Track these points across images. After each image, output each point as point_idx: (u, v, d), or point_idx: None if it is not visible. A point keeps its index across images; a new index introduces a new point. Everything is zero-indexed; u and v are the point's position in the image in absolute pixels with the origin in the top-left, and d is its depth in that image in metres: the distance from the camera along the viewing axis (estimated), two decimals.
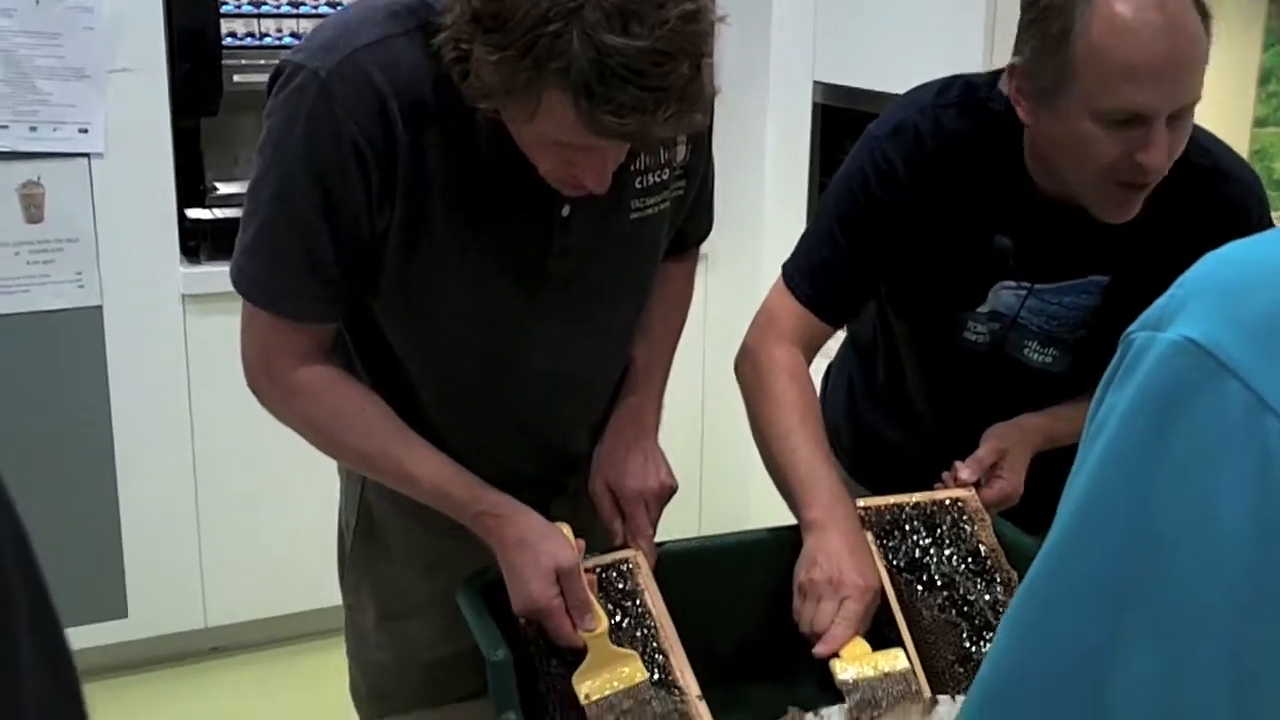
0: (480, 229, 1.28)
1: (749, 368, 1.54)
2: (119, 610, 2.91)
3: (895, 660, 1.27)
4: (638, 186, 1.34)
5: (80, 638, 2.94)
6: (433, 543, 1.47)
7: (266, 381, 1.34)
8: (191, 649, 3.06)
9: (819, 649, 1.27)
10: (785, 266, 1.58)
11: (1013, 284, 1.49)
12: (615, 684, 1.22)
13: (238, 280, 1.31)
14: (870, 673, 1.25)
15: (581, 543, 1.31)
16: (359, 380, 1.37)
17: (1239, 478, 0.57)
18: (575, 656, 1.23)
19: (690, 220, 1.50)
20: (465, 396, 1.39)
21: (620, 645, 1.25)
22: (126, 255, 2.77)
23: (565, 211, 1.29)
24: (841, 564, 1.30)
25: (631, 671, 1.23)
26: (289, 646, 3.12)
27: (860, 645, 1.29)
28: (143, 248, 2.78)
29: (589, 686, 1.21)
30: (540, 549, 1.25)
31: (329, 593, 2.45)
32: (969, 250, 1.48)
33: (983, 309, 1.52)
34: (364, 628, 1.55)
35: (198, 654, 3.07)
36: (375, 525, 1.51)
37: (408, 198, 1.24)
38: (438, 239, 1.27)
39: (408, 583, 1.48)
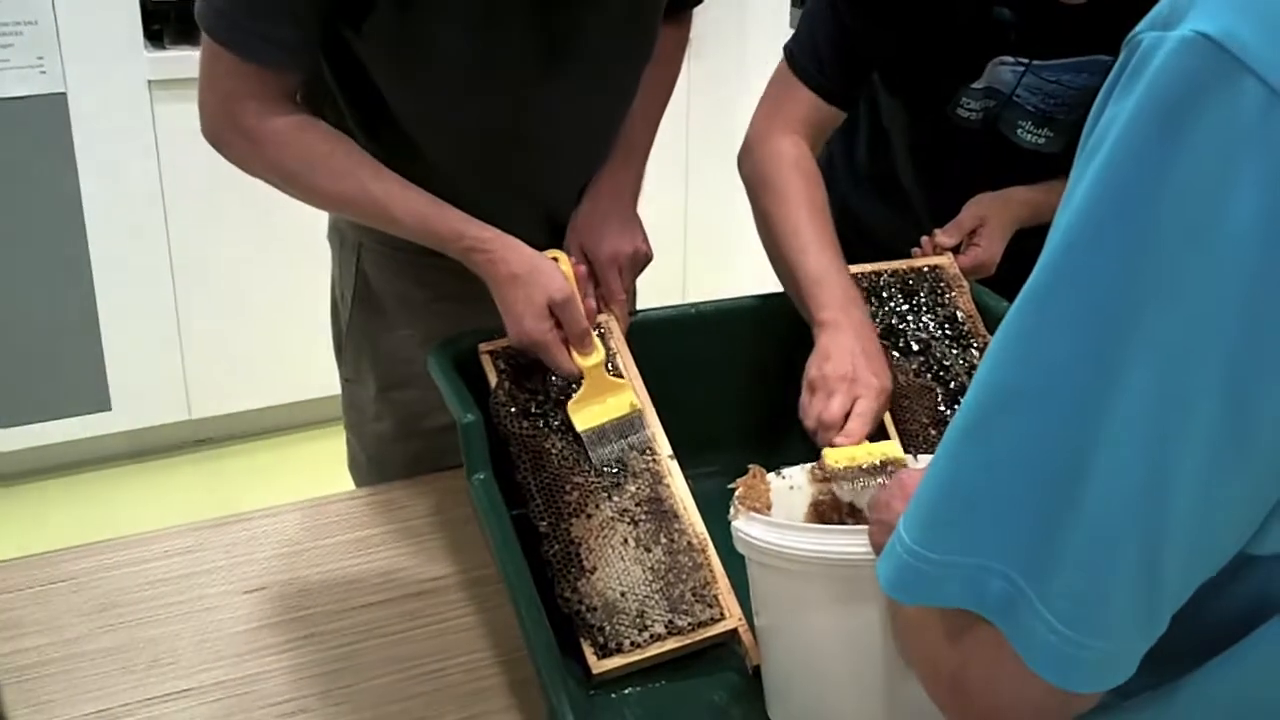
0: None
1: (753, 162, 1.46)
2: (102, 403, 2.92)
3: (890, 449, 1.24)
4: None
5: (64, 431, 2.96)
6: (431, 308, 1.46)
7: (229, 130, 1.28)
8: (177, 441, 3.09)
9: (838, 440, 1.20)
10: (788, 49, 1.50)
11: (1011, 59, 1.44)
12: (607, 415, 1.22)
13: (203, 13, 1.24)
14: (864, 458, 1.19)
15: (581, 268, 1.29)
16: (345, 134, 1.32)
17: (1251, 180, 0.54)
18: (547, 418, 1.23)
19: None
20: (466, 165, 1.35)
21: None
22: (88, 40, 2.68)
23: None
24: (855, 362, 1.25)
25: (621, 401, 1.23)
26: (275, 438, 3.15)
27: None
28: (105, 32, 2.70)
29: (583, 416, 1.21)
30: (532, 282, 1.22)
31: (314, 384, 2.44)
32: (967, 20, 1.42)
33: (978, 84, 1.47)
34: (363, 400, 1.54)
35: (183, 446, 3.10)
36: (373, 293, 1.49)
37: None
38: None
39: (406, 352, 1.47)
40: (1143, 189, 0.56)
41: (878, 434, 1.26)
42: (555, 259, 1.26)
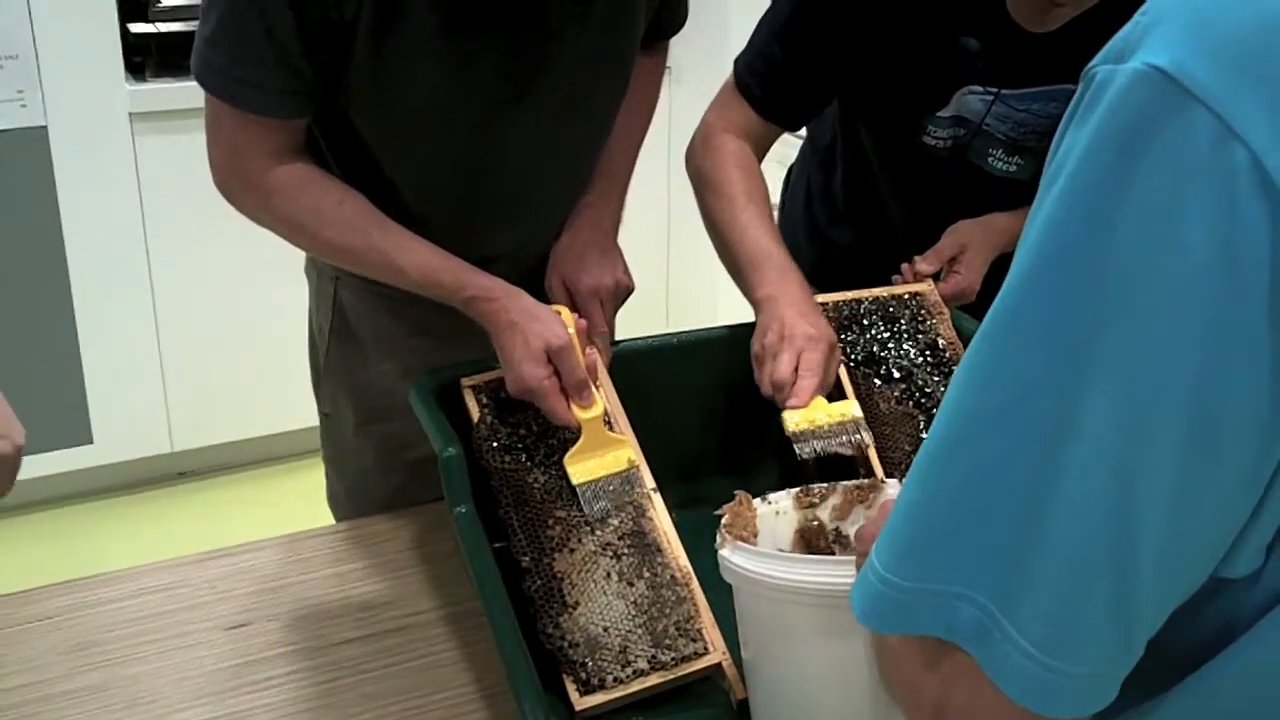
0: (455, 11, 1.21)
1: (697, 161, 1.51)
2: (84, 437, 2.90)
3: (848, 408, 1.27)
4: None
5: (46, 464, 2.93)
6: (408, 342, 1.45)
7: (238, 182, 1.28)
8: (159, 474, 3.07)
9: (791, 403, 1.24)
10: (737, 63, 1.53)
11: (979, 89, 1.44)
12: (604, 470, 1.21)
13: (200, 71, 1.23)
14: (823, 420, 1.25)
15: (583, 322, 1.28)
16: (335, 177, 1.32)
17: (1205, 210, 0.55)
18: (529, 453, 1.22)
19: (666, 6, 1.45)
20: (443, 198, 1.35)
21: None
22: (69, 73, 2.67)
23: None
24: (792, 323, 1.29)
25: (619, 457, 1.22)
26: (257, 470, 3.14)
27: (818, 402, 1.28)
28: (85, 65, 2.69)
29: (579, 470, 1.20)
30: (530, 329, 1.21)
31: (296, 416, 2.42)
32: (933, 50, 1.43)
33: (945, 113, 1.47)
34: (342, 434, 1.54)
35: (165, 479, 3.08)
36: (350, 327, 1.49)
37: None
38: (411, 25, 1.20)
39: (386, 384, 1.46)
40: (1098, 218, 0.57)
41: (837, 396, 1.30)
42: (558, 312, 1.26)
